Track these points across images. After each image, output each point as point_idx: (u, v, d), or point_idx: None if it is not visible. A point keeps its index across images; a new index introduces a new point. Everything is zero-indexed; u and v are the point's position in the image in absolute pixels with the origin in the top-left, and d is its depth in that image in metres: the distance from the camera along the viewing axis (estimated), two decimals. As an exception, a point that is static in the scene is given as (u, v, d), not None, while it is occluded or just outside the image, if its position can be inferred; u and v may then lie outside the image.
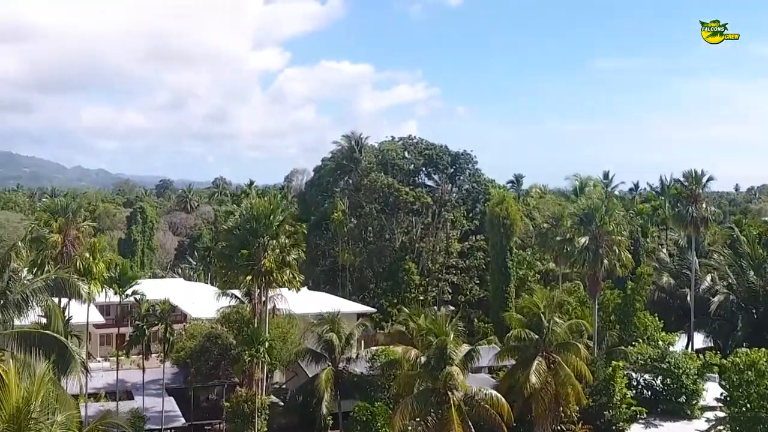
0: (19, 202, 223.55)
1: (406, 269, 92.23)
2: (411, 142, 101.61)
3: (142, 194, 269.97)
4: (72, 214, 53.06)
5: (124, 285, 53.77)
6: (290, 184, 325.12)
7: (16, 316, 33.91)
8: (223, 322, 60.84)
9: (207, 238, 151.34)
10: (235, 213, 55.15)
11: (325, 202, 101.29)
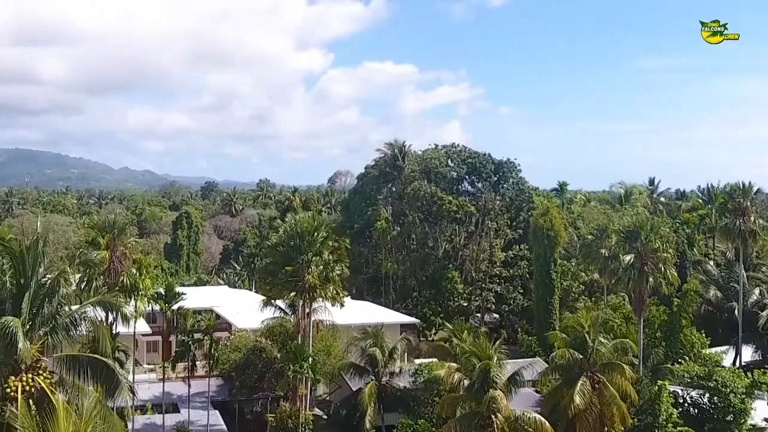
0: (67, 205, 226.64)
1: (449, 278, 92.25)
2: (454, 150, 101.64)
3: (187, 197, 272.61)
4: (119, 230, 53.77)
5: (170, 301, 54.38)
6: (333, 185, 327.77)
7: (66, 339, 34.53)
8: (267, 335, 61.26)
9: (251, 243, 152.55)
10: (279, 229, 55.31)
11: (369, 209, 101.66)
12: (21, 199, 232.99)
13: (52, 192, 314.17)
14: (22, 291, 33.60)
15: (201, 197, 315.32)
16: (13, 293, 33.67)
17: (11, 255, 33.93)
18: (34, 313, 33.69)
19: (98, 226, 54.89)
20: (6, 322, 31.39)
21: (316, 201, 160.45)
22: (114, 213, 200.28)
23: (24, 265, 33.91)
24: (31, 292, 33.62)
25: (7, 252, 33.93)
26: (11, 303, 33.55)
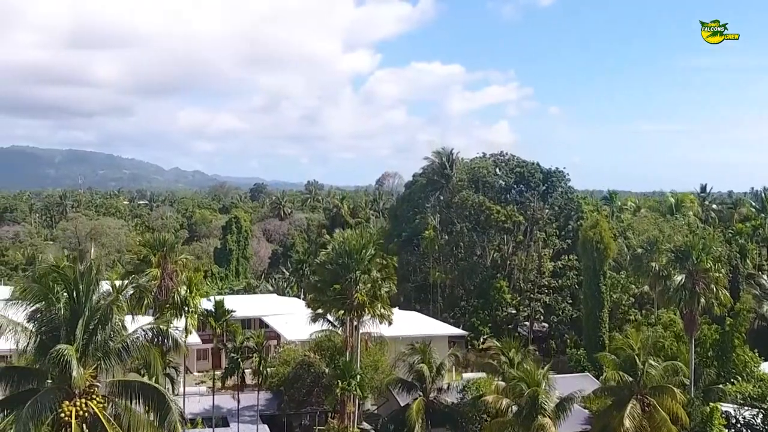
0: (119, 207, 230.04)
1: (498, 287, 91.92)
2: (502, 158, 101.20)
3: (237, 200, 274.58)
4: (169, 248, 54.48)
5: (220, 318, 54.99)
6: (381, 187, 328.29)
7: (118, 364, 35.09)
8: (315, 349, 61.63)
9: (300, 249, 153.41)
10: (327, 245, 55.54)
11: (416, 218, 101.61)
12: (74, 201, 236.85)
13: (105, 193, 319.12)
14: (76, 317, 34.18)
15: (250, 199, 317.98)
16: (67, 319, 34.30)
17: (65, 281, 34.56)
18: (88, 339, 34.27)
19: (150, 243, 55.63)
20: (61, 349, 31.97)
21: (364, 206, 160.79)
22: (164, 216, 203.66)
23: (77, 292, 34.51)
24: (85, 318, 34.19)
25: (61, 278, 34.54)
26: (66, 329, 34.14)
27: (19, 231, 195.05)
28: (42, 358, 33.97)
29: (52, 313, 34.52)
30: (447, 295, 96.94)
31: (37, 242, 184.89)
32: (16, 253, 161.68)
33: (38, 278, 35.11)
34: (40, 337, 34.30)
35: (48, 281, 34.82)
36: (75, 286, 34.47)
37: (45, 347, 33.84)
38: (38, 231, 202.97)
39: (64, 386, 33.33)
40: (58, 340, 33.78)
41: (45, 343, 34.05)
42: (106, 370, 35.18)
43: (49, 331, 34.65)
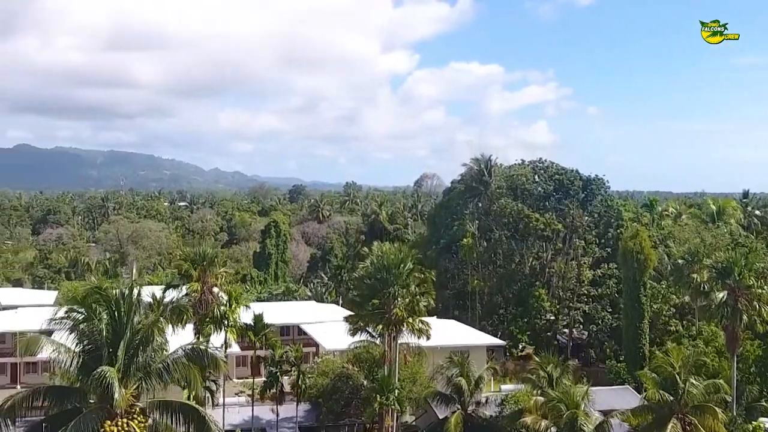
0: (160, 210, 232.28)
1: (536, 296, 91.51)
2: (541, 165, 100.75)
3: (276, 202, 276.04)
4: (209, 262, 54.94)
5: (259, 333, 55.35)
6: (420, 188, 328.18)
7: (159, 384, 35.56)
8: (353, 360, 61.75)
9: (338, 253, 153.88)
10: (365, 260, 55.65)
11: (455, 224, 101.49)
12: (116, 203, 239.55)
13: (146, 195, 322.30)
14: (118, 338, 34.74)
15: (289, 200, 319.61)
16: (109, 339, 34.83)
17: (107, 303, 35.11)
18: (129, 360, 34.81)
19: (190, 257, 56.09)
20: (103, 372, 32.52)
21: (402, 209, 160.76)
22: (204, 219, 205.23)
23: (119, 313, 35.08)
24: (126, 340, 34.75)
25: (104, 300, 35.09)
26: (108, 350, 34.71)
27: (62, 233, 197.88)
28: (85, 378, 34.58)
29: (94, 334, 35.13)
30: (485, 302, 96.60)
31: (80, 245, 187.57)
32: (59, 255, 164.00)
33: (81, 299, 35.74)
34: (83, 357, 34.93)
35: (90, 302, 35.44)
36: (116, 308, 35.05)
37: (87, 367, 34.46)
38: (81, 233, 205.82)
39: (106, 406, 33.93)
40: (101, 361, 34.39)
41: (87, 363, 34.68)
42: (147, 390, 35.75)
43: (92, 351, 35.28)
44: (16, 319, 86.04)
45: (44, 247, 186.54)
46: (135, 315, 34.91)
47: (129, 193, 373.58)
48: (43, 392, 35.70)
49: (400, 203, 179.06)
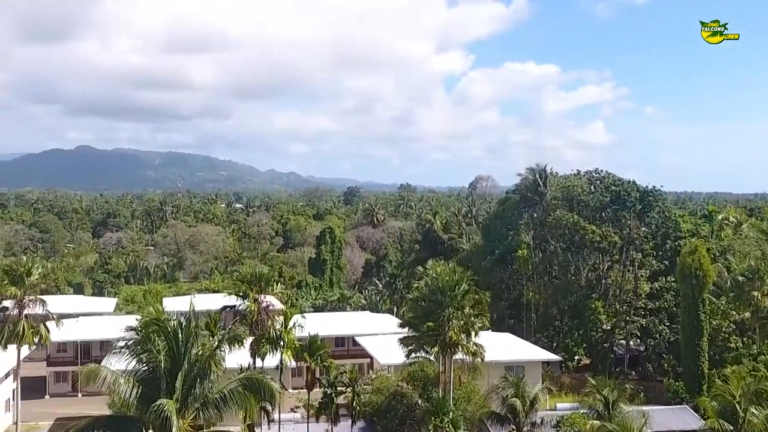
0: (216, 213, 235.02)
1: (593, 308, 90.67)
2: (597, 176, 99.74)
3: (330, 205, 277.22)
4: (265, 283, 55.48)
5: (314, 354, 55.72)
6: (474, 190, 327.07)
7: (216, 415, 35.99)
8: (408, 379, 61.84)
9: (393, 257, 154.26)
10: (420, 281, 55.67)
11: (510, 235, 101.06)
12: (174, 207, 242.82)
13: (203, 199, 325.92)
14: (176, 369, 35.20)
15: (343, 202, 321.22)
16: (167, 370, 35.33)
17: (165, 334, 35.62)
18: (187, 391, 35.24)
19: (247, 278, 56.66)
20: (161, 405, 33.01)
21: (457, 213, 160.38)
22: (260, 224, 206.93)
23: (177, 343, 35.55)
24: (184, 371, 35.19)
25: (161, 331, 35.61)
26: (166, 380, 35.20)
27: (122, 237, 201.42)
28: (144, 408, 35.10)
29: (152, 363, 35.66)
30: (540, 314, 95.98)
31: (138, 248, 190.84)
32: (118, 260, 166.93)
33: (140, 330, 36.32)
34: (141, 387, 35.45)
35: (149, 333, 36.00)
36: (174, 338, 35.52)
37: (146, 397, 34.94)
38: (139, 237, 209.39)
39: (164, 437, 34.45)
40: (159, 391, 34.87)
41: (146, 393, 35.15)
42: (205, 420, 36.23)
43: (150, 381, 35.78)
44: (77, 328, 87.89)
45: (104, 250, 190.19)
46: (193, 347, 35.32)
47: (186, 194, 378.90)
48: (104, 422, 36.33)
49: (455, 207, 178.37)
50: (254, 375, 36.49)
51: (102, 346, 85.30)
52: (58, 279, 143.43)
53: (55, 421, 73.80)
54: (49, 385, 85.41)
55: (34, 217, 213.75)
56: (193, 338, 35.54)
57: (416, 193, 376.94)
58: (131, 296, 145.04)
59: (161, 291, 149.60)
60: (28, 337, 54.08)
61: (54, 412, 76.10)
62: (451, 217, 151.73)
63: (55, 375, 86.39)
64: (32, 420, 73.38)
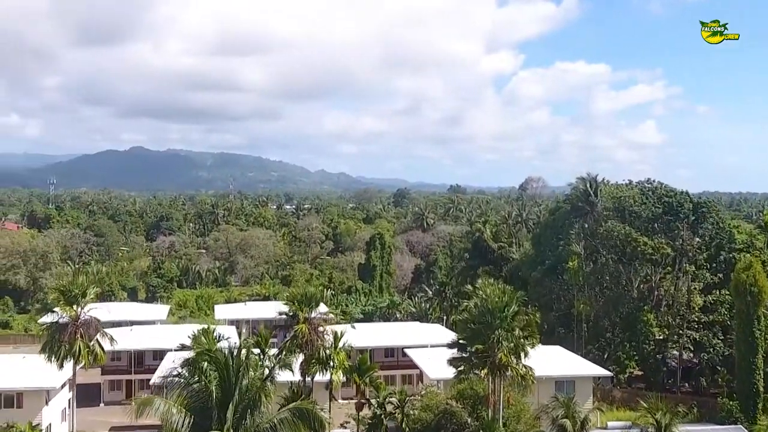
0: (267, 217, 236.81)
1: (645, 321, 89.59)
2: (649, 186, 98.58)
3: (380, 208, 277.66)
4: (315, 303, 55.87)
5: (363, 374, 55.95)
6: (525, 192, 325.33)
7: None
8: (457, 397, 61.70)
9: (442, 263, 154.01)
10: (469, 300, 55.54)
11: (560, 244, 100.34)
12: (225, 210, 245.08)
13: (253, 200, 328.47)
14: (227, 400, 35.66)
15: (393, 204, 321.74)
16: (218, 400, 35.79)
17: (217, 364, 36.10)
18: (238, 422, 35.68)
19: (298, 299, 57.11)
20: (213, 437, 33.55)
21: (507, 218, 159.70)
22: (310, 228, 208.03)
23: (228, 374, 36.01)
24: (235, 401, 35.64)
25: (213, 361, 36.10)
26: (217, 411, 35.67)
27: (174, 241, 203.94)
28: (195, 438, 35.67)
29: (204, 394, 36.16)
30: (591, 325, 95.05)
31: (191, 252, 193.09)
32: (171, 265, 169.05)
33: (192, 361, 36.85)
34: (193, 417, 35.92)
35: (201, 363, 36.51)
36: (226, 370, 35.97)
37: (198, 427, 35.43)
38: (192, 240, 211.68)
39: (216, 467, 34.90)
40: (210, 421, 35.36)
41: (198, 424, 35.63)
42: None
43: (202, 411, 36.24)
44: (131, 337, 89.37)
45: (157, 254, 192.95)
46: (243, 378, 35.72)
47: (238, 196, 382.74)
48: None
49: (505, 211, 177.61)
50: (304, 405, 36.80)
51: (155, 355, 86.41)
52: (112, 283, 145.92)
53: (109, 430, 75.29)
54: (103, 393, 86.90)
55: (89, 219, 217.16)
56: (243, 369, 35.99)
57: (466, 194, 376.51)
58: (184, 301, 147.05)
59: (213, 296, 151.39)
60: (83, 357, 55.08)
61: (109, 421, 77.43)
62: (501, 221, 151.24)
63: (109, 383, 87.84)
64: (88, 428, 74.77)
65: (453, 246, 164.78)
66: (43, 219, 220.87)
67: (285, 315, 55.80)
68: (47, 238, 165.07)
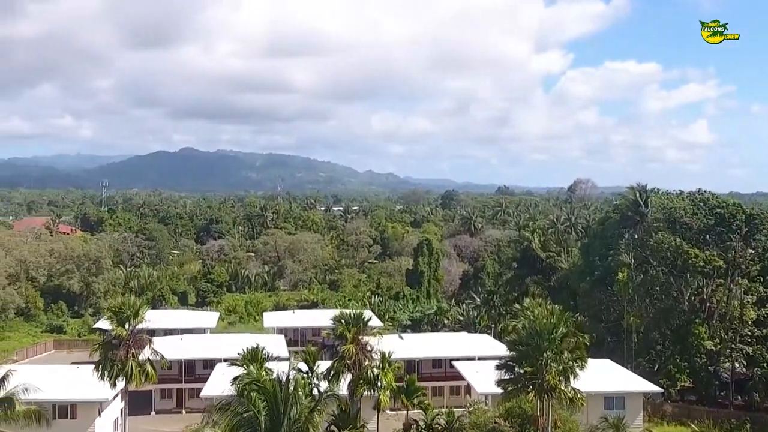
0: (315, 220, 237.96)
1: (696, 334, 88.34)
2: (701, 197, 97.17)
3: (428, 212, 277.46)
4: (363, 324, 56.09)
5: (410, 396, 56.05)
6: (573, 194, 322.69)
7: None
8: (505, 416, 61.63)
9: (491, 269, 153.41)
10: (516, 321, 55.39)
11: (609, 255, 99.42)
12: (274, 212, 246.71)
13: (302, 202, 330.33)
14: (276, 429, 36.08)
15: (441, 206, 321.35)
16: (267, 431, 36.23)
17: (265, 394, 36.51)
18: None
19: (345, 319, 57.37)
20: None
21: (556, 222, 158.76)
22: (358, 232, 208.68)
23: (276, 404, 36.40)
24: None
25: (262, 392, 36.52)
26: (266, 441, 36.15)
27: (224, 245, 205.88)
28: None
29: (253, 424, 36.59)
30: (641, 338, 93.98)
31: (240, 255, 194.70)
32: (220, 269, 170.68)
33: (241, 391, 37.32)
34: (243, 446, 36.45)
35: (250, 393, 36.95)
36: (274, 400, 36.37)
37: (248, 456, 35.99)
38: (241, 243, 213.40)
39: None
40: (260, 452, 35.86)
41: (248, 453, 36.20)
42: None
43: (251, 440, 36.76)
44: (181, 346, 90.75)
45: (206, 257, 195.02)
46: (292, 408, 36.08)
47: (286, 197, 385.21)
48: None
49: (553, 215, 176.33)
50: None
51: (205, 365, 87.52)
52: (163, 288, 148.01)
53: (160, 439, 76.50)
54: (154, 401, 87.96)
55: (140, 222, 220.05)
56: (292, 400, 36.36)
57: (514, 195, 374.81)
58: (233, 306, 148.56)
59: (261, 301, 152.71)
60: (135, 377, 55.95)
61: (160, 430, 78.64)
62: (549, 225, 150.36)
63: (160, 392, 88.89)
64: (139, 437, 76.00)
65: (501, 252, 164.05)
66: (95, 221, 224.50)
67: (333, 335, 56.12)
68: (100, 241, 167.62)
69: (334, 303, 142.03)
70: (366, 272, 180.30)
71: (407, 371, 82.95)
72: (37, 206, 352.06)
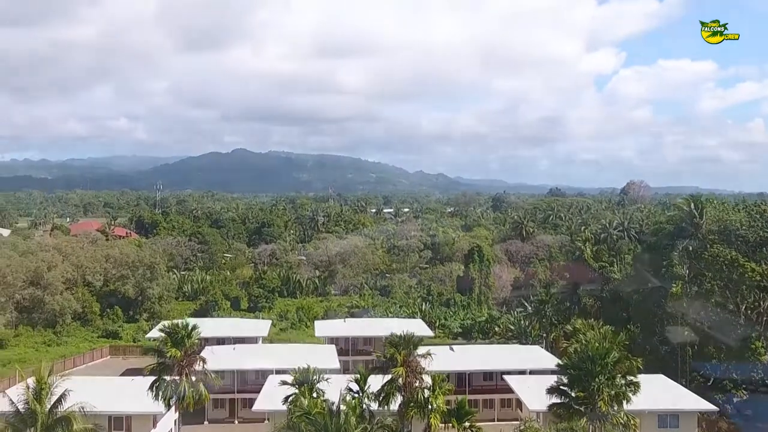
0: (366, 224, 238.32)
1: (752, 348, 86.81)
2: (757, 209, 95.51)
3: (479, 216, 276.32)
4: (414, 346, 56.09)
5: (461, 419, 55.93)
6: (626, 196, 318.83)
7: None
8: (556, 438, 61.24)
9: (542, 275, 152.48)
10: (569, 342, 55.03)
11: (663, 266, 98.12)
12: (324, 216, 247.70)
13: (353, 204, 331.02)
14: (328, 461, 36.42)
15: (492, 208, 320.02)
16: (318, 463, 36.60)
17: (316, 426, 36.84)
18: (337, 484, 36.41)
19: (395, 342, 57.43)
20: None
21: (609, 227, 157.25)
22: (408, 237, 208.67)
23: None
24: (335, 464, 36.37)
25: (312, 424, 36.86)
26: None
27: (275, 249, 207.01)
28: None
29: (305, 455, 37.00)
30: (695, 351, 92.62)
31: (291, 259, 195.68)
32: (272, 274, 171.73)
33: (293, 423, 37.71)
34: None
35: (301, 425, 37.34)
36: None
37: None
38: (292, 247, 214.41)
39: None
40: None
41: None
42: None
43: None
44: (234, 355, 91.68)
45: (258, 261, 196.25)
46: (341, 441, 36.38)
47: (337, 199, 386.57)
48: None
49: (606, 220, 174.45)
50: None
51: (257, 375, 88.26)
52: (216, 293, 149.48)
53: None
54: (207, 411, 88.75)
55: (193, 225, 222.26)
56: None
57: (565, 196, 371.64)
58: (285, 311, 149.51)
59: (312, 306, 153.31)
60: (188, 398, 56.65)
61: (213, 440, 79.55)
62: (602, 230, 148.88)
63: (213, 402, 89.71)
64: (193, 447, 76.95)
65: (552, 258, 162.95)
66: (150, 224, 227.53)
67: (383, 358, 56.23)
68: (154, 245, 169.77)
69: (384, 309, 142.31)
70: (416, 277, 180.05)
71: (458, 384, 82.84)
72: (93, 207, 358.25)
